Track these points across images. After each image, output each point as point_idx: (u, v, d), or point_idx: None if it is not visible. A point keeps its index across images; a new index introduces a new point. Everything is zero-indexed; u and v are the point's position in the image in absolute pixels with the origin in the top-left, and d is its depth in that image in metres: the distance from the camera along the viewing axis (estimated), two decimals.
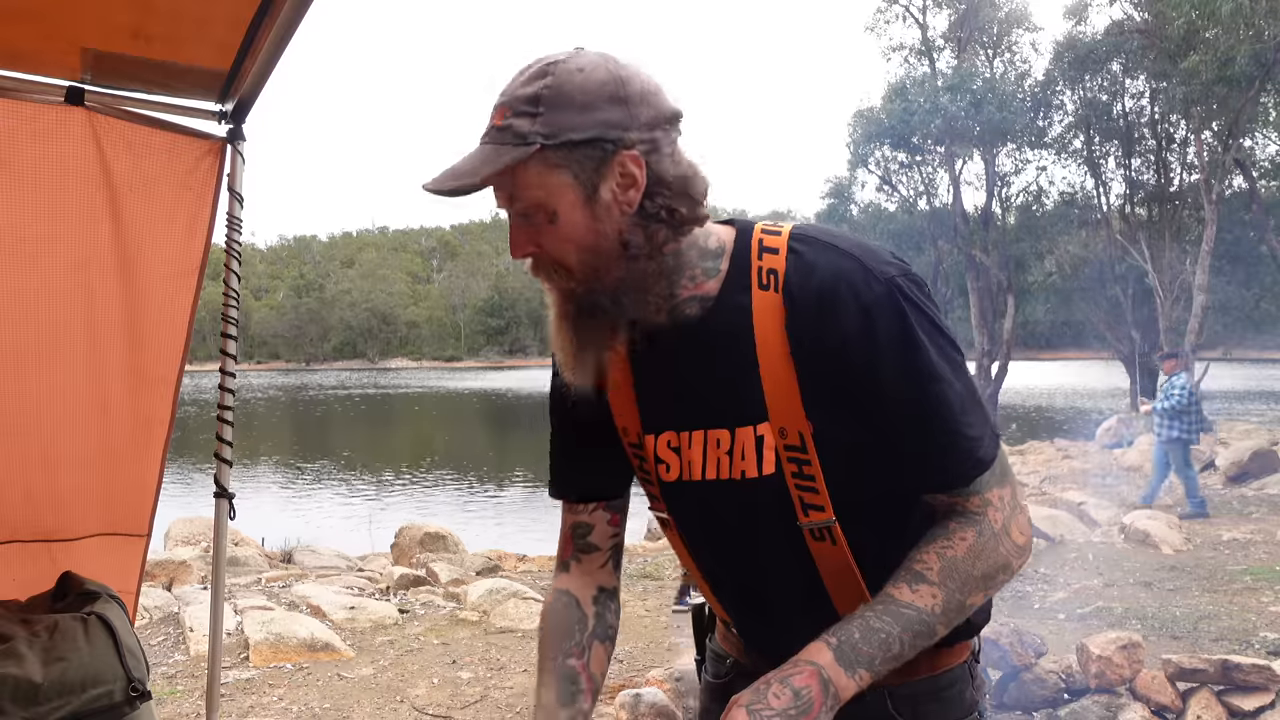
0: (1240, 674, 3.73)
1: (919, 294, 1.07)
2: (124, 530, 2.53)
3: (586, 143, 1.02)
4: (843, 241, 1.10)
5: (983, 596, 1.08)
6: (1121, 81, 21.57)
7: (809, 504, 1.10)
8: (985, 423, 1.08)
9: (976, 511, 1.07)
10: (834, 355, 1.05)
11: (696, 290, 1.11)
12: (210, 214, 2.42)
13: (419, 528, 9.03)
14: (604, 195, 1.04)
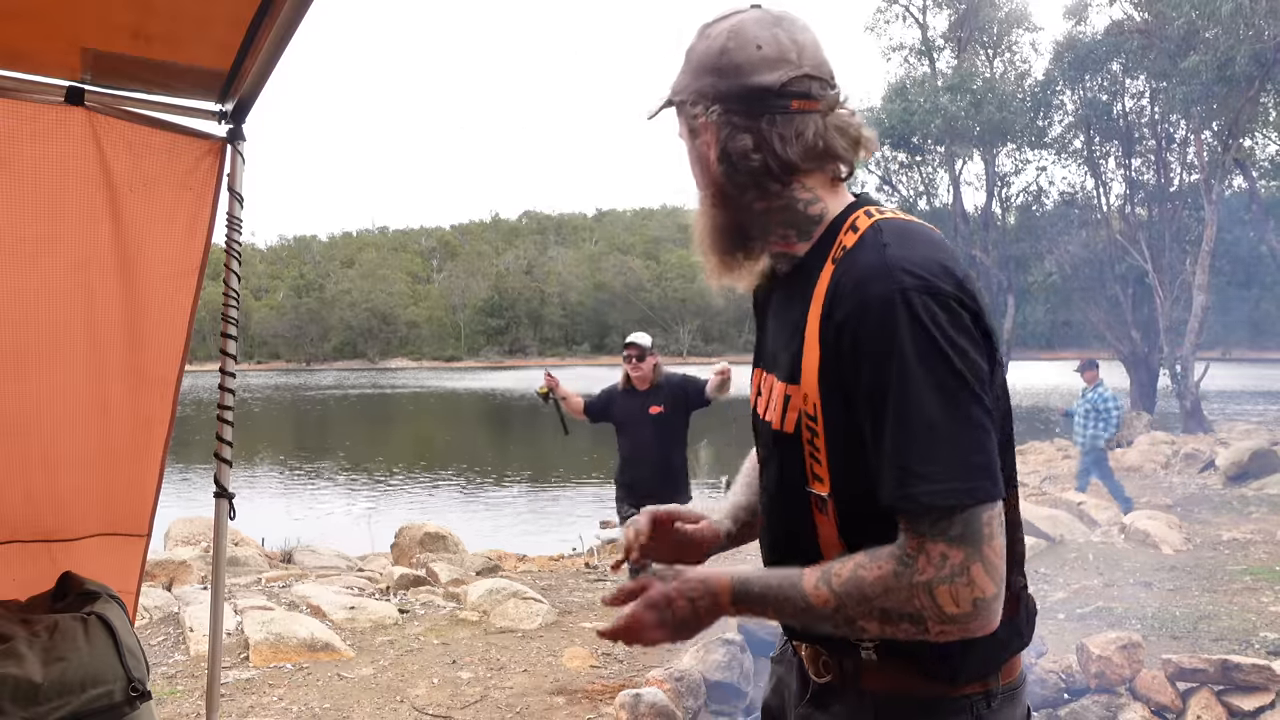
0: (1240, 674, 3.73)
1: (935, 314, 1.03)
2: (124, 530, 2.52)
3: (687, 104, 1.22)
4: (902, 243, 1.10)
5: (878, 627, 1.05)
6: (1121, 81, 21.56)
7: (814, 473, 1.15)
8: (950, 470, 1.00)
9: (910, 552, 1.02)
10: (841, 333, 1.09)
11: (786, 248, 1.23)
12: (210, 214, 2.42)
13: (419, 528, 9.03)
14: (699, 150, 1.23)
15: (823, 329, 1.11)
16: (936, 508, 1.00)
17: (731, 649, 4.23)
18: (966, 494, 1.00)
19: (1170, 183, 21.66)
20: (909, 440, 1.02)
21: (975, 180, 27.46)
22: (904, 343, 1.02)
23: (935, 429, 1.01)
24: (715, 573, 1.16)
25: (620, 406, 5.27)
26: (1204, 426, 17.79)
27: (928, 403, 1.01)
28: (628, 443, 5.23)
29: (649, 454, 5.07)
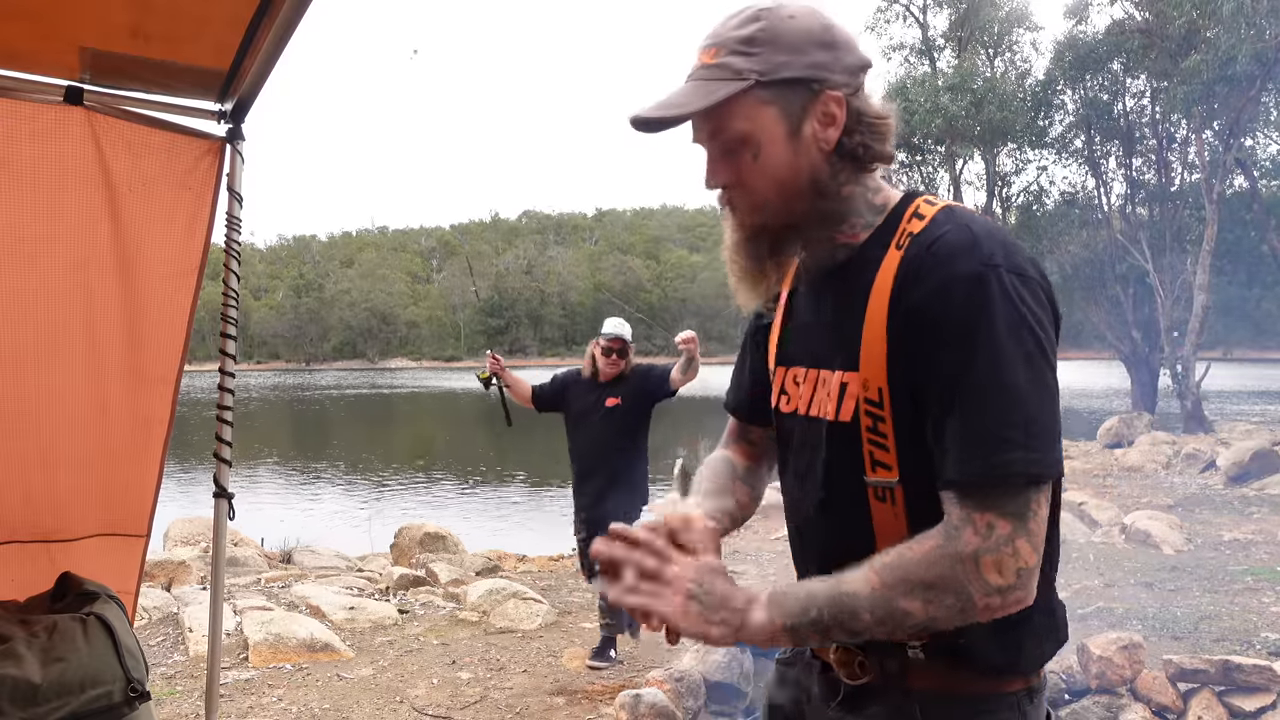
0: (1241, 674, 3.72)
1: (1021, 292, 1.04)
2: (123, 530, 2.52)
3: (797, 81, 1.12)
4: (977, 224, 1.11)
5: (920, 608, 1.02)
6: (1122, 81, 21.54)
7: (878, 460, 1.13)
8: (1026, 447, 1.01)
9: (955, 525, 1.02)
10: (912, 316, 1.07)
11: (850, 239, 1.19)
12: (210, 214, 2.42)
13: (419, 528, 9.03)
14: (806, 132, 1.13)
15: (892, 311, 1.09)
16: (1003, 474, 1.01)
17: (731, 649, 4.23)
18: (1030, 470, 1.01)
19: (1171, 182, 21.64)
20: (996, 410, 1.01)
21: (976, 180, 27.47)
22: (995, 315, 1.02)
23: (1026, 400, 1.02)
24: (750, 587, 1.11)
25: (575, 396, 4.84)
26: (1205, 427, 17.77)
27: (1018, 373, 1.02)
28: (578, 439, 4.82)
29: (602, 451, 4.66)
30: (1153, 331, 20.74)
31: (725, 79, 1.11)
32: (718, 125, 1.14)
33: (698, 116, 1.13)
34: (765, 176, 1.14)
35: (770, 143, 1.13)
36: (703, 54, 1.15)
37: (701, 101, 1.11)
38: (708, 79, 1.12)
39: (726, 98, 1.10)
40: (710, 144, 1.16)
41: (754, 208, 1.16)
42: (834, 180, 1.16)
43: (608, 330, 4.78)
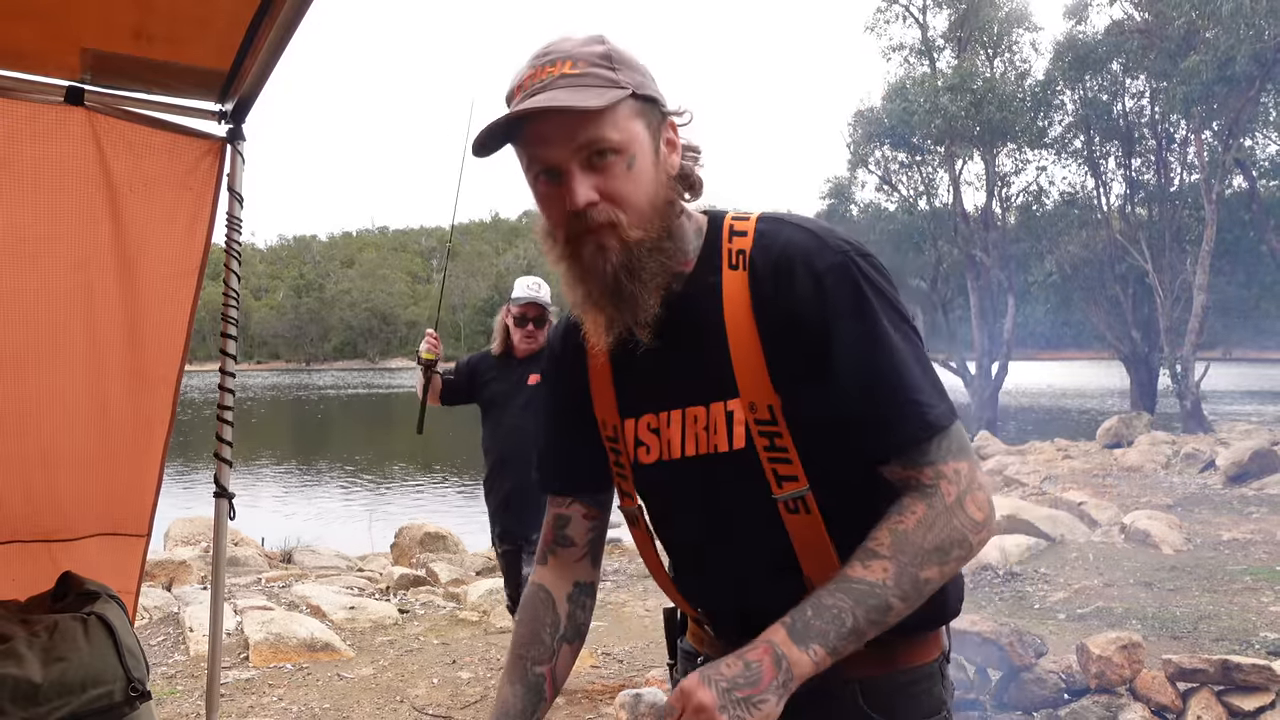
0: (1240, 674, 3.73)
1: (873, 270, 1.10)
2: (124, 530, 2.53)
3: (653, 101, 1.12)
4: (803, 221, 1.15)
5: (938, 572, 1.05)
6: (1121, 81, 21.56)
7: (783, 475, 1.12)
8: (939, 394, 1.09)
9: (929, 484, 1.07)
10: (791, 323, 1.09)
11: (684, 267, 1.16)
12: (210, 214, 2.42)
13: (419, 528, 9.03)
14: (661, 152, 1.13)
15: (761, 328, 1.10)
16: (942, 427, 1.07)
17: None
18: (951, 413, 1.09)
19: (1170, 183, 21.67)
20: (903, 379, 1.07)
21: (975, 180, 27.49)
22: (866, 297, 1.08)
23: (911, 364, 1.08)
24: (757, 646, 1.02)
25: (487, 380, 3.97)
26: (1204, 426, 17.78)
27: (900, 343, 1.08)
28: (495, 430, 3.93)
29: (526, 442, 3.62)
30: (1152, 331, 20.75)
31: (604, 86, 1.06)
32: (596, 134, 1.06)
33: (563, 125, 1.05)
34: (640, 188, 1.09)
35: (642, 155, 1.09)
36: (558, 65, 1.08)
37: (596, 100, 1.04)
38: (583, 85, 1.05)
39: (614, 102, 1.05)
40: (577, 155, 1.07)
41: (632, 223, 1.09)
42: (675, 205, 1.15)
43: (519, 294, 3.87)
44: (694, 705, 0.98)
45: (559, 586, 1.32)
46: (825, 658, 1.02)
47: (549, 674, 1.27)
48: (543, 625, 1.30)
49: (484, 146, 1.11)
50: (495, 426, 3.96)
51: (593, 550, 1.35)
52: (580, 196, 1.07)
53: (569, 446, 1.33)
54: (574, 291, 1.14)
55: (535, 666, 1.27)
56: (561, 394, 1.32)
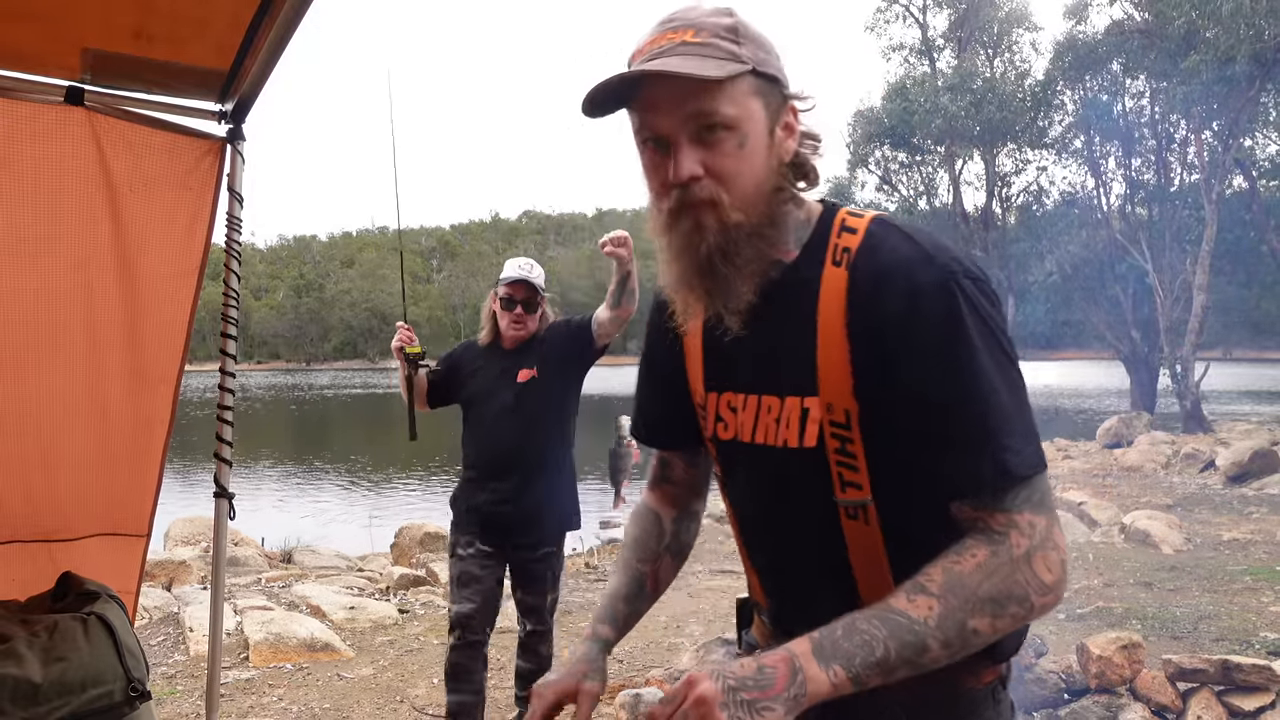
0: (1240, 674, 3.73)
1: (979, 296, 1.03)
2: (124, 530, 2.52)
3: (775, 81, 1.07)
4: (918, 234, 1.08)
5: (989, 624, 0.99)
6: (1121, 81, 21.56)
7: (848, 480, 1.09)
8: (1028, 439, 1.02)
9: (999, 530, 1.01)
10: (881, 335, 1.04)
11: (784, 255, 1.13)
12: (210, 214, 2.42)
13: (419, 528, 9.03)
14: (777, 135, 1.08)
15: (851, 332, 1.06)
16: (1024, 477, 1.01)
17: (731, 649, 4.23)
18: (1040, 459, 1.02)
19: (1170, 183, 21.66)
20: (989, 418, 1.01)
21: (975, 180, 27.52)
22: (967, 325, 1.01)
23: (1006, 405, 1.01)
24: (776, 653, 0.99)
25: (472, 372, 3.43)
26: (1204, 426, 17.78)
27: (993, 378, 1.01)
28: (480, 430, 3.38)
29: (516, 445, 3.27)
30: (1152, 331, 20.75)
31: (724, 58, 1.02)
32: (709, 106, 1.02)
33: (677, 93, 1.02)
34: (748, 169, 1.05)
35: (755, 135, 1.05)
36: (680, 33, 1.05)
37: (714, 70, 1.00)
38: (704, 55, 1.02)
39: (733, 75, 1.02)
40: (686, 127, 1.04)
41: (734, 204, 1.05)
42: (785, 191, 1.11)
43: (507, 273, 3.35)
44: (695, 696, 0.95)
45: (665, 510, 1.41)
46: (845, 682, 0.97)
47: (652, 573, 1.37)
48: (650, 535, 1.40)
49: (597, 106, 1.07)
50: (476, 428, 3.39)
51: (697, 485, 1.42)
52: (684, 169, 1.04)
53: (664, 410, 1.36)
54: (668, 268, 1.12)
55: (640, 564, 1.38)
56: (659, 361, 1.34)
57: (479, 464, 3.39)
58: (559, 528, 3.40)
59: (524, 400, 3.28)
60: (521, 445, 3.27)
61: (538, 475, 3.28)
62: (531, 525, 3.31)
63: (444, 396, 3.51)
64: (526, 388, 3.28)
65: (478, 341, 3.49)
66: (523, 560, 3.36)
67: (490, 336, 3.43)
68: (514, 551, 3.35)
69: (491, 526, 3.32)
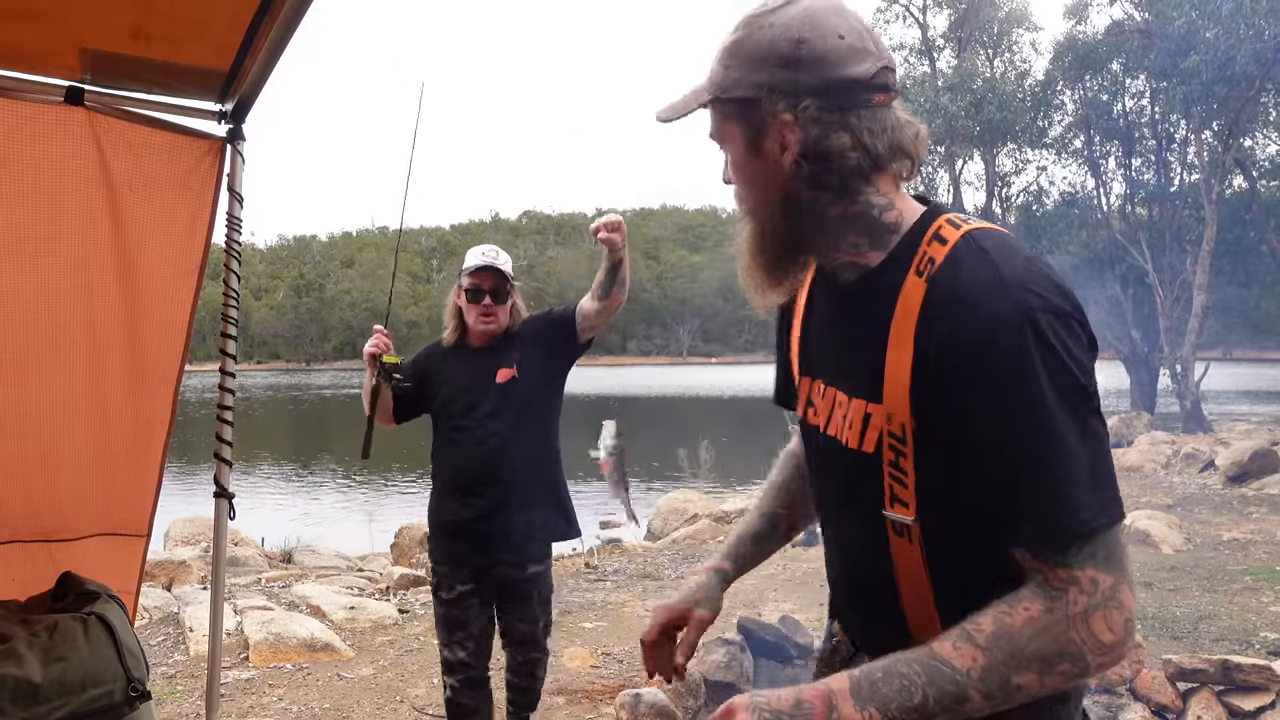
0: (1240, 674, 3.73)
1: (1059, 333, 0.98)
2: (124, 530, 2.52)
3: (747, 101, 1.10)
4: (1009, 256, 1.03)
5: (1036, 681, 0.96)
6: (1121, 81, 21.55)
7: (897, 496, 1.09)
8: (1098, 492, 0.97)
9: (1056, 586, 0.97)
10: (946, 362, 1.01)
11: (857, 258, 1.14)
12: (210, 214, 2.42)
13: (419, 528, 9.02)
14: (766, 149, 1.11)
15: (919, 350, 1.04)
16: (1083, 534, 0.96)
17: (731, 649, 4.24)
18: (1110, 515, 0.98)
19: (1170, 183, 21.65)
20: (1052, 472, 0.96)
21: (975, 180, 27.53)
22: (1035, 366, 0.96)
23: (1075, 454, 0.97)
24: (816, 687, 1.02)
25: (441, 378, 3.05)
26: (1204, 426, 17.78)
27: (1062, 425, 0.97)
28: (452, 442, 3.01)
29: (496, 457, 2.92)
30: (1152, 331, 20.74)
31: (703, 89, 1.14)
32: (711, 128, 1.17)
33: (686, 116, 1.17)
34: (742, 183, 1.16)
35: (735, 153, 1.14)
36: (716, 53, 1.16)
37: (677, 112, 1.15)
38: (690, 88, 1.15)
39: (692, 108, 1.14)
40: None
41: (751, 211, 1.17)
42: (813, 201, 1.10)
43: (470, 262, 3.03)
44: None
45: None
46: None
47: (787, 516, 1.47)
48: (790, 478, 1.47)
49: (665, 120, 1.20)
50: (449, 443, 3.01)
51: None
52: (724, 174, 1.19)
53: (785, 378, 1.42)
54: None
55: (777, 508, 1.47)
56: (781, 330, 1.39)
57: (456, 477, 3.01)
58: (546, 540, 3.07)
59: (505, 403, 2.94)
60: (503, 453, 2.92)
61: (520, 484, 2.93)
62: (515, 540, 2.96)
63: (412, 409, 3.14)
64: (507, 389, 2.94)
65: (442, 342, 3.13)
66: (509, 580, 3.00)
67: (456, 335, 3.08)
68: (497, 570, 3.00)
69: (470, 545, 2.98)
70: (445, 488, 3.06)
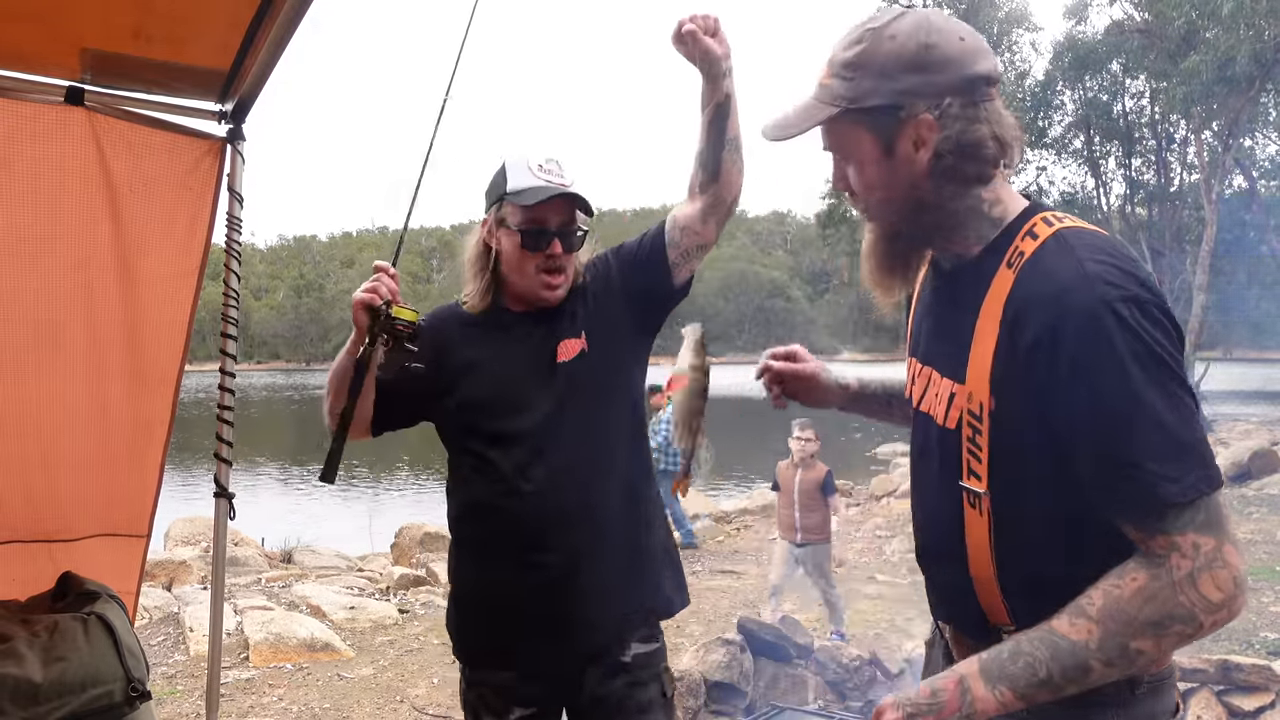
0: (1240, 674, 3.73)
1: (1140, 319, 1.04)
2: (124, 531, 2.52)
3: (884, 108, 1.17)
4: (1093, 252, 1.10)
5: (1153, 644, 1.04)
6: (1121, 81, 21.56)
7: (972, 470, 1.18)
8: (1188, 464, 1.03)
9: (1159, 553, 1.04)
10: (1025, 348, 1.09)
11: (962, 249, 1.23)
12: (210, 214, 2.42)
13: (419, 528, 9.03)
14: (900, 152, 1.18)
15: (1003, 336, 1.12)
16: (1182, 503, 1.02)
17: (731, 649, 4.23)
18: (1206, 482, 1.03)
19: (1170, 183, 21.66)
20: (1137, 445, 1.03)
21: None
22: (1119, 349, 1.03)
23: (1164, 426, 1.03)
24: (948, 675, 1.12)
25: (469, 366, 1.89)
26: (1204, 426, 17.77)
27: (1152, 402, 1.03)
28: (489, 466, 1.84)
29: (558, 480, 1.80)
30: None
31: (824, 103, 1.20)
32: (828, 141, 1.25)
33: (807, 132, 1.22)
34: (865, 189, 1.22)
35: (864, 162, 1.21)
36: (822, 72, 1.22)
37: (796, 127, 1.21)
38: (818, 100, 1.21)
39: (820, 122, 1.20)
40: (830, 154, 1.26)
41: (869, 212, 1.25)
42: (938, 195, 1.19)
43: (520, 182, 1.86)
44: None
45: None
46: (1013, 700, 1.06)
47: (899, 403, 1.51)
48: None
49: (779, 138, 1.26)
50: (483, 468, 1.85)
51: None
52: (834, 180, 1.27)
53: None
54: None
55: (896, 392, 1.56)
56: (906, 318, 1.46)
57: (502, 523, 1.83)
58: (651, 611, 1.92)
59: (573, 392, 1.82)
60: (578, 476, 1.81)
61: (611, 522, 1.83)
62: (612, 620, 1.86)
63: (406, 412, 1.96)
64: (574, 371, 1.83)
65: (458, 305, 1.99)
66: (605, 693, 1.85)
67: (488, 296, 1.92)
68: (587, 677, 1.86)
69: (538, 633, 1.84)
70: (483, 541, 1.90)
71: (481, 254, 1.95)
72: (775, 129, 1.23)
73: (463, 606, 1.99)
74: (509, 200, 1.86)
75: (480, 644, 1.98)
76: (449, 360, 1.90)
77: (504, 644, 1.91)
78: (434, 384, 1.89)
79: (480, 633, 1.97)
